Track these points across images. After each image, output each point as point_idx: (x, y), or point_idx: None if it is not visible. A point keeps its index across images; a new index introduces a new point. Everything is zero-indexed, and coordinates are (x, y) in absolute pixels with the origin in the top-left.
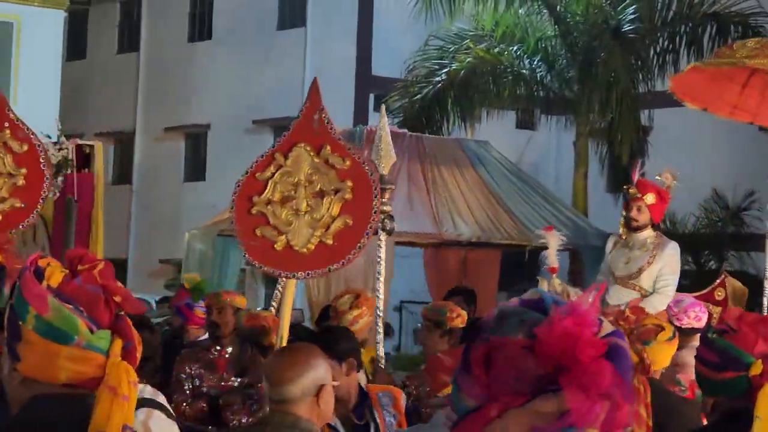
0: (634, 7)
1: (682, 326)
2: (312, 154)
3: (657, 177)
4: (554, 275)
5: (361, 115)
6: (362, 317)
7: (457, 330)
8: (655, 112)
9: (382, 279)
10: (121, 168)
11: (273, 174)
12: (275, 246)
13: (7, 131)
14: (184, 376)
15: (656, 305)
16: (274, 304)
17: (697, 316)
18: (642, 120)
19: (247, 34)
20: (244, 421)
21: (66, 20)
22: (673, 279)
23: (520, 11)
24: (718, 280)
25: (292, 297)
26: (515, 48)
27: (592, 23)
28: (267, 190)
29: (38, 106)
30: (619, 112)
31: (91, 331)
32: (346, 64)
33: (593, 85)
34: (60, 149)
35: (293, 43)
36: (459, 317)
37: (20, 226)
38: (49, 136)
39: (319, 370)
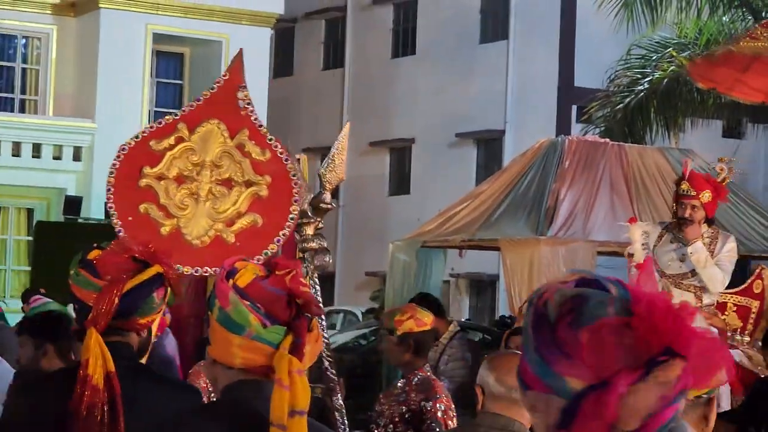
0: None
1: None
2: (225, 134)
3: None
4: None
5: (564, 127)
6: None
7: (413, 335)
8: None
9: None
10: None
11: (172, 146)
12: (161, 230)
13: None
14: None
15: (714, 275)
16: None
17: None
18: None
19: (449, 49)
20: None
21: (273, 38)
22: (731, 264)
23: (723, 18)
24: (755, 274)
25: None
26: None
27: None
28: (162, 164)
29: None
30: None
31: (264, 326)
32: (548, 76)
33: None
34: None
35: (496, 57)
36: (411, 318)
37: None
38: None
39: None
